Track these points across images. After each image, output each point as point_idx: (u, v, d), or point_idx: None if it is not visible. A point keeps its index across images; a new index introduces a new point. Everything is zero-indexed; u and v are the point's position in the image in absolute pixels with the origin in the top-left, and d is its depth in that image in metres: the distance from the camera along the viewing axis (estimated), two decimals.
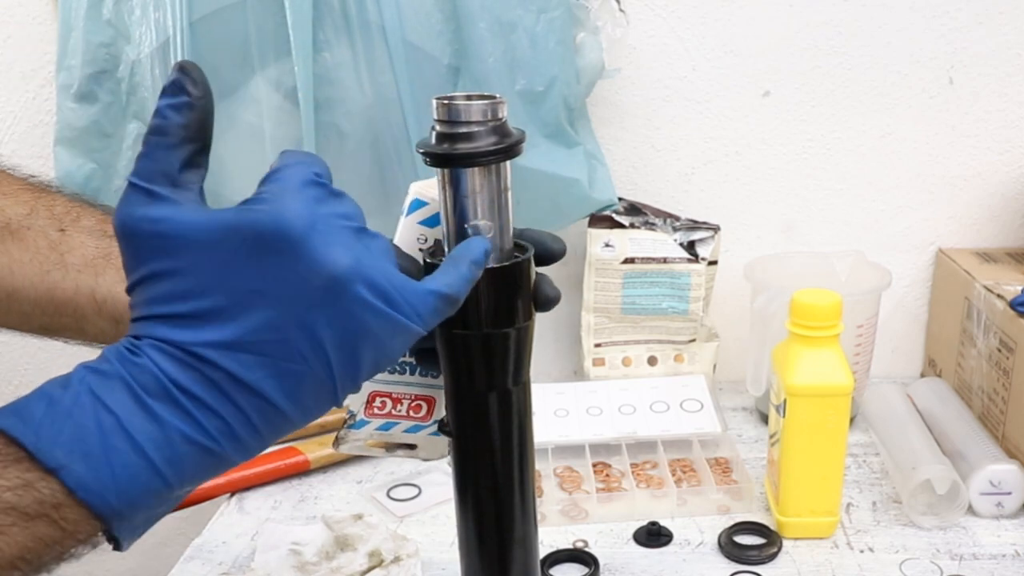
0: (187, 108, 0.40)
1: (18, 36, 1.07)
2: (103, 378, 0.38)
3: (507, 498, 0.51)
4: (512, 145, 0.46)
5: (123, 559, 1.30)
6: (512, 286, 0.48)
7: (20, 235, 0.56)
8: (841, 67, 1.06)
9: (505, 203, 0.48)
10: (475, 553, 0.53)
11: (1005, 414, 0.92)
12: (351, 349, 0.40)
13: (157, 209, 0.39)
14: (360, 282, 0.40)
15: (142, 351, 0.39)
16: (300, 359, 0.40)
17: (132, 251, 0.40)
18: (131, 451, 0.37)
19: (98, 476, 0.37)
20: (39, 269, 0.55)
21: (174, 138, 0.40)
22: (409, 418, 0.54)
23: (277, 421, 0.40)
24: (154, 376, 0.38)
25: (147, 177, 0.39)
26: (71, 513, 0.37)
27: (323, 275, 0.39)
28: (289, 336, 0.39)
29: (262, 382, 0.39)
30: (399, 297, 0.41)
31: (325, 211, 0.40)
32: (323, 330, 0.40)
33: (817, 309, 0.78)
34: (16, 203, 0.57)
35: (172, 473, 0.38)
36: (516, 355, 0.49)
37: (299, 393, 0.40)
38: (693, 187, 1.11)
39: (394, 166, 0.97)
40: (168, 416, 0.38)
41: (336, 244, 0.40)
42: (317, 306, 0.39)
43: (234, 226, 0.39)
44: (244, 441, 0.40)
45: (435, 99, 0.46)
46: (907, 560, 0.79)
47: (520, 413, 0.51)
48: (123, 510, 0.38)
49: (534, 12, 0.94)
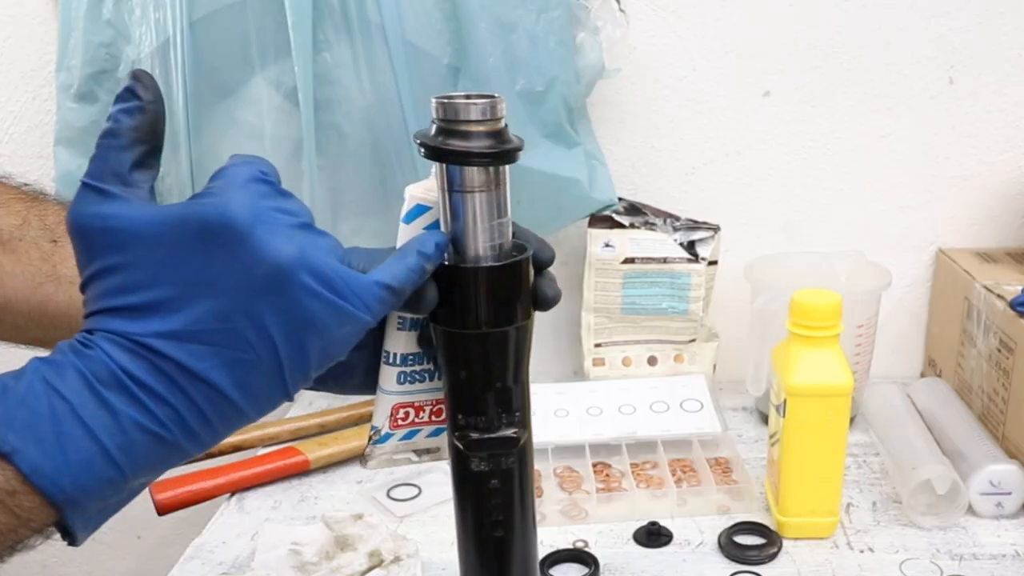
0: (138, 112, 0.41)
1: (18, 36, 1.08)
2: (56, 368, 0.39)
3: (506, 499, 0.51)
4: (510, 151, 0.46)
5: (123, 559, 1.30)
6: (510, 285, 0.48)
7: (12, 247, 0.56)
8: (841, 67, 1.06)
9: (503, 202, 0.47)
10: (474, 554, 0.53)
11: (1005, 414, 0.92)
12: (298, 337, 0.41)
13: (107, 206, 0.40)
14: (304, 271, 0.41)
15: (94, 343, 0.39)
16: (248, 348, 0.40)
17: (84, 248, 0.41)
18: (84, 437, 0.38)
19: (52, 461, 0.37)
20: (31, 282, 0.55)
21: (125, 140, 0.41)
22: (431, 423, 0.54)
23: (227, 411, 0.41)
24: (106, 366, 0.39)
25: (98, 177, 0.41)
26: (25, 500, 0.37)
27: (268, 264, 0.40)
28: (236, 325, 0.40)
29: (211, 371, 0.40)
30: (344, 286, 0.42)
31: (270, 205, 0.41)
32: (269, 319, 0.40)
33: (817, 309, 0.78)
34: (8, 213, 0.57)
35: (125, 460, 0.39)
36: (515, 354, 0.49)
37: (248, 383, 0.41)
38: (693, 187, 1.11)
39: (394, 166, 0.97)
40: (120, 404, 0.39)
41: (280, 235, 0.41)
42: (262, 295, 0.40)
43: (181, 219, 0.40)
44: (195, 431, 0.40)
45: (434, 98, 0.46)
46: (907, 560, 0.79)
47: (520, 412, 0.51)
48: (77, 497, 0.38)
49: (534, 12, 0.94)
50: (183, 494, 0.88)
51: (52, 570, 1.32)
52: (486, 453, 0.50)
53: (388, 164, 0.97)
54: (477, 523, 0.52)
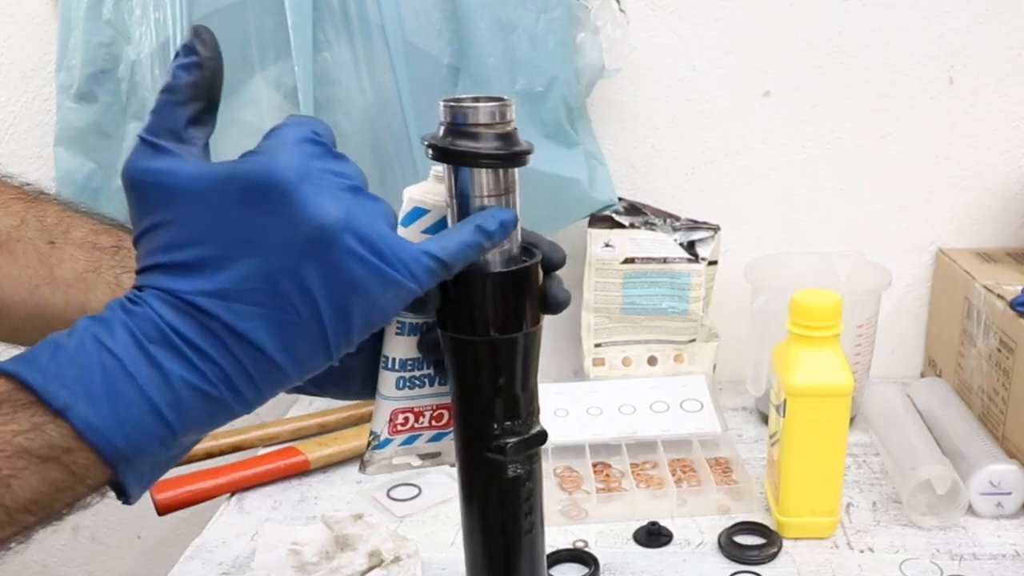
0: (196, 68, 0.41)
1: (18, 36, 1.08)
2: (106, 325, 0.39)
3: (537, 498, 0.51)
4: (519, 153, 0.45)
5: (123, 559, 1.30)
6: (519, 291, 0.47)
7: (9, 247, 0.56)
8: (841, 67, 1.06)
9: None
10: (480, 558, 0.53)
11: (1005, 414, 0.92)
12: (341, 301, 0.41)
13: (160, 162, 0.40)
14: (349, 234, 0.40)
15: (143, 300, 0.39)
16: (291, 309, 0.40)
17: (137, 202, 0.41)
18: (135, 394, 0.38)
19: (103, 417, 0.37)
20: (28, 284, 0.55)
21: (182, 96, 0.41)
22: (431, 428, 0.53)
23: (271, 371, 0.41)
24: (154, 323, 0.39)
25: (154, 132, 0.41)
26: (80, 457, 0.38)
27: (311, 225, 0.40)
28: (279, 286, 0.40)
29: (255, 331, 0.40)
30: (390, 253, 0.41)
31: (319, 166, 0.41)
32: (312, 280, 0.40)
33: (817, 309, 0.78)
34: (7, 214, 0.57)
35: (175, 417, 0.39)
36: (524, 361, 0.48)
37: (292, 344, 0.41)
38: (693, 187, 1.11)
39: (394, 166, 0.97)
40: (168, 362, 0.39)
41: (326, 196, 0.40)
42: (306, 256, 0.40)
43: (229, 177, 0.40)
44: (240, 390, 0.40)
45: (442, 101, 0.45)
46: (907, 560, 0.79)
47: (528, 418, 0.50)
48: (128, 453, 0.38)
49: (534, 12, 0.94)
50: (183, 494, 0.88)
51: (52, 570, 1.32)
52: (523, 456, 0.50)
53: (388, 164, 0.97)
54: (511, 527, 0.51)
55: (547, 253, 0.49)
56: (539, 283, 0.49)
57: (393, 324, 0.51)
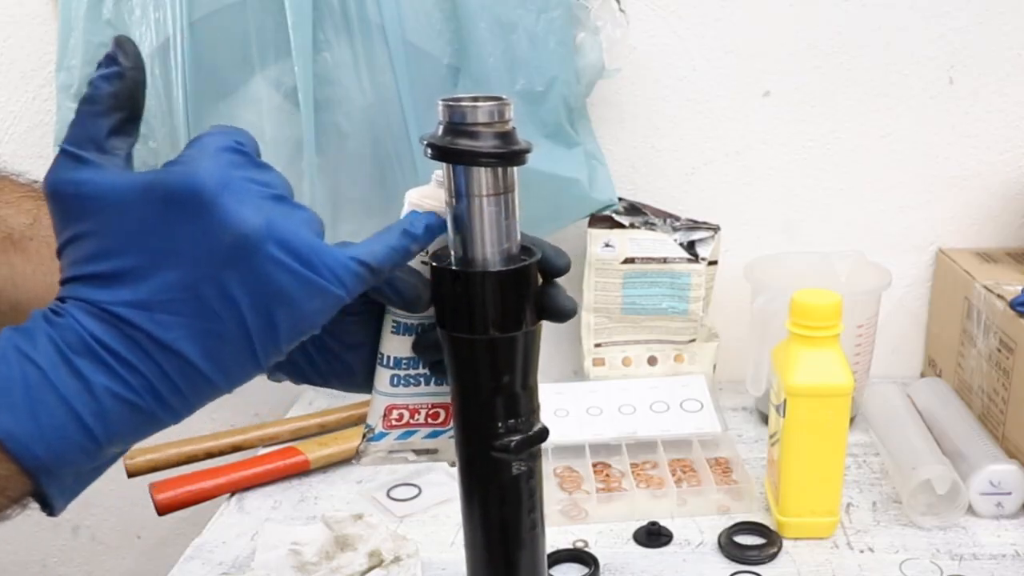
0: (117, 78, 0.41)
1: (18, 36, 1.08)
2: (28, 336, 0.39)
3: (516, 500, 0.51)
4: (518, 152, 0.45)
5: (123, 559, 1.30)
6: (519, 290, 0.47)
7: (23, 246, 0.56)
8: (841, 67, 1.06)
9: (511, 205, 0.47)
10: (481, 557, 0.53)
11: (1005, 414, 0.92)
12: (266, 309, 0.40)
13: (81, 173, 0.40)
14: (271, 242, 0.40)
15: (66, 311, 0.39)
16: (215, 319, 0.40)
17: (58, 214, 0.41)
18: (57, 404, 0.38)
19: (25, 427, 0.37)
20: (43, 281, 0.55)
21: (103, 106, 0.41)
22: (427, 425, 0.54)
23: (198, 381, 0.40)
24: (77, 334, 0.38)
25: (75, 143, 0.41)
26: (1, 468, 0.37)
27: (233, 233, 0.39)
28: (202, 295, 0.39)
29: (179, 341, 0.39)
30: (316, 259, 0.41)
31: (240, 174, 0.41)
32: (236, 289, 0.40)
33: (817, 309, 0.78)
34: (19, 212, 0.57)
35: (99, 427, 0.39)
36: (523, 360, 0.48)
37: (217, 354, 0.40)
38: (693, 187, 1.11)
39: (394, 166, 0.97)
40: (91, 372, 0.38)
41: (248, 205, 0.40)
42: (228, 265, 0.39)
43: (150, 186, 0.39)
44: (167, 400, 0.40)
45: (441, 100, 0.45)
46: (907, 560, 0.79)
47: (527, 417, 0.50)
48: (51, 464, 0.38)
49: (534, 12, 0.94)
50: (183, 494, 0.88)
51: (52, 570, 1.32)
52: (527, 453, 0.50)
53: (388, 164, 0.97)
54: (514, 525, 0.51)
55: (551, 259, 0.49)
56: (538, 283, 0.49)
57: (389, 322, 0.51)
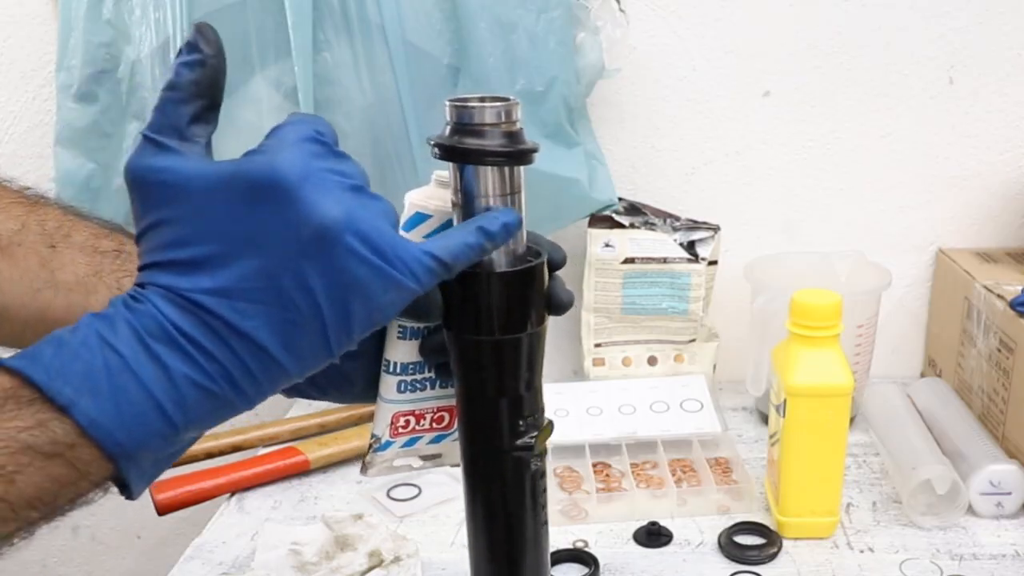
0: (199, 65, 0.42)
1: (18, 36, 1.08)
2: (109, 322, 0.39)
3: (518, 503, 0.51)
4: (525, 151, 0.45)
5: (123, 559, 1.30)
6: (525, 290, 0.47)
7: (10, 252, 0.56)
8: (841, 67, 1.06)
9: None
10: (485, 558, 0.52)
11: (1005, 414, 0.92)
12: (342, 299, 0.41)
13: (163, 159, 0.41)
14: (351, 233, 0.40)
15: (146, 297, 0.40)
16: (292, 308, 0.40)
17: (139, 200, 0.41)
18: (137, 390, 0.38)
19: (107, 414, 0.38)
20: (30, 288, 0.55)
21: (184, 93, 0.41)
22: (432, 430, 0.54)
23: (273, 368, 0.41)
24: (156, 320, 0.39)
25: (157, 130, 0.41)
26: (84, 453, 0.38)
27: (313, 224, 0.40)
28: (281, 285, 0.40)
29: (257, 330, 0.40)
30: (391, 252, 0.41)
31: (320, 165, 0.41)
32: (314, 279, 0.40)
33: (817, 309, 0.78)
34: (7, 218, 0.57)
35: (177, 413, 0.39)
36: (528, 361, 0.49)
37: (293, 341, 0.41)
38: (693, 187, 1.11)
39: (394, 166, 0.97)
40: (171, 359, 0.39)
41: (328, 196, 0.40)
42: (307, 255, 0.40)
43: (232, 175, 0.40)
44: (242, 387, 0.41)
45: (448, 101, 0.45)
46: (907, 560, 0.79)
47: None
48: (131, 449, 0.39)
49: (534, 12, 0.94)
50: (183, 494, 0.88)
51: (52, 570, 1.32)
52: (542, 450, 0.50)
53: (388, 164, 0.97)
54: (528, 520, 0.51)
55: (549, 253, 0.49)
56: (544, 283, 0.49)
57: (395, 328, 0.51)
